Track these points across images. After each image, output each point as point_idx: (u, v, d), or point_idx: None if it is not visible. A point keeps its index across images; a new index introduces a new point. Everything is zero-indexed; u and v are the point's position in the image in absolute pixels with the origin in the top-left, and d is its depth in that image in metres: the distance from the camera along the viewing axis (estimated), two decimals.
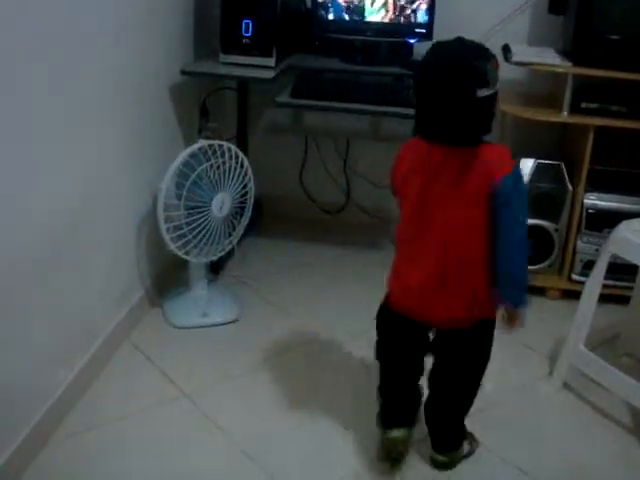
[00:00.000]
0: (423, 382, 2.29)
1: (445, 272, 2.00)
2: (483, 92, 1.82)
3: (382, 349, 2.25)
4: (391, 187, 2.13)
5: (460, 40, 1.90)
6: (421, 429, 2.32)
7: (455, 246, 1.97)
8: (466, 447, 2.32)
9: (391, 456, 2.26)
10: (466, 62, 1.84)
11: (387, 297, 2.17)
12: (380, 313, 2.22)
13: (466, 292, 2.02)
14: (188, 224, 2.74)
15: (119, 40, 2.56)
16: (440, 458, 2.27)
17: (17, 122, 2.01)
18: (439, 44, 1.92)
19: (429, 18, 3.22)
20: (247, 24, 3.00)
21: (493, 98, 1.86)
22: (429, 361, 2.23)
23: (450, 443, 2.28)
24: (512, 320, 2.05)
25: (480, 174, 1.90)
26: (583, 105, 3.06)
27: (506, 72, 3.32)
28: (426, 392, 2.29)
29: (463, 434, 2.31)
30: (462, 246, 1.97)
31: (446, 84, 1.83)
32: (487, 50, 1.89)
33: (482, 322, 2.09)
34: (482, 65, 1.83)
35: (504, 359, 2.84)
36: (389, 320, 2.18)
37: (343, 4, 3.24)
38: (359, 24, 3.27)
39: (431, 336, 2.18)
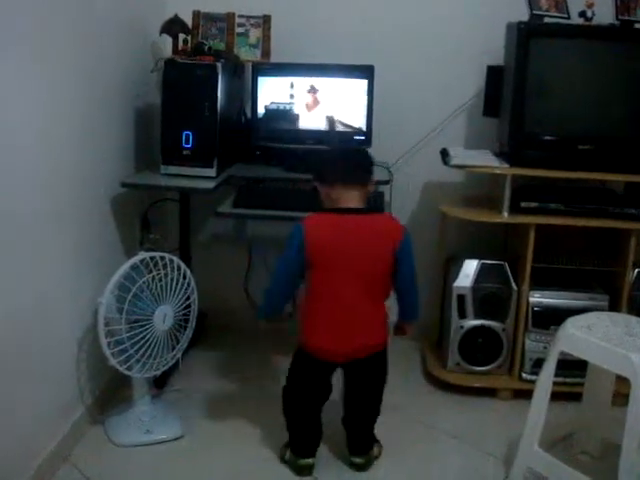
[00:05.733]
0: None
1: (367, 310, 2.52)
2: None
3: (298, 390, 2.65)
4: (303, 254, 2.48)
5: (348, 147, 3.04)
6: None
7: (372, 288, 2.51)
8: (376, 450, 2.76)
9: (302, 474, 2.69)
10: (365, 157, 2.63)
11: (307, 346, 2.56)
12: (299, 360, 2.64)
13: (380, 322, 2.57)
14: (130, 338, 2.66)
15: (61, 153, 2.55)
16: (358, 460, 2.71)
17: None
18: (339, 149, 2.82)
19: (367, 125, 3.29)
20: (187, 135, 3.01)
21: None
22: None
23: (366, 446, 2.74)
24: (407, 331, 2.72)
25: (388, 235, 2.51)
26: (523, 205, 3.11)
27: (445, 175, 3.42)
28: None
29: (374, 438, 2.77)
30: (377, 288, 2.53)
31: (356, 170, 2.54)
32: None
33: (383, 350, 2.61)
34: (370, 158, 2.63)
35: (460, 466, 2.80)
36: (310, 365, 2.59)
37: (282, 114, 3.29)
38: (299, 133, 3.31)
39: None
